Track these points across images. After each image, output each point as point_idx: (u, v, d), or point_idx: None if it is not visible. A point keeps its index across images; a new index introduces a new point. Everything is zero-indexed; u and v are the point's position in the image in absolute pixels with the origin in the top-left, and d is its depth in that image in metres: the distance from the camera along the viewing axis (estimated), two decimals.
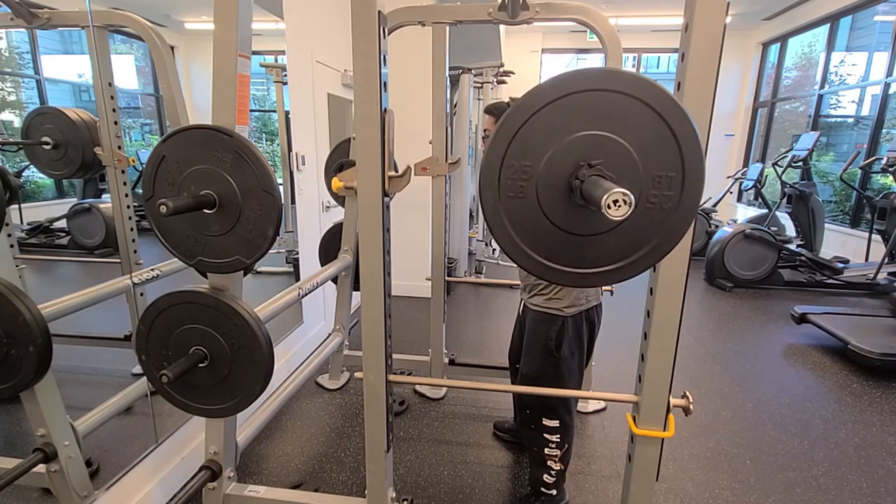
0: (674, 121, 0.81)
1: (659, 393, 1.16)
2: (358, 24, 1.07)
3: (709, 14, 0.93)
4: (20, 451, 1.57)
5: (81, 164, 1.78)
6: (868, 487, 2.00)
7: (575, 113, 0.83)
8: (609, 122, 0.83)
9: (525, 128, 0.85)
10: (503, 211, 0.90)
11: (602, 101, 0.82)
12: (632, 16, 7.46)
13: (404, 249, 4.06)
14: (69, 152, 1.76)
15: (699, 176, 0.83)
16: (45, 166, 1.81)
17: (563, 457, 1.72)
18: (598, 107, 0.83)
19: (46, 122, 1.77)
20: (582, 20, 1.99)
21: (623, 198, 0.70)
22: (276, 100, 3.05)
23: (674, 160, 0.83)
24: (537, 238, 0.91)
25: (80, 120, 1.77)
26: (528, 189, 0.88)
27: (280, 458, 2.14)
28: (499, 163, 0.87)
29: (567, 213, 0.88)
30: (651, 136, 0.83)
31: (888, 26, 5.84)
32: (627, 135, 0.83)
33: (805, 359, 3.25)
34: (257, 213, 1.17)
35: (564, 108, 0.83)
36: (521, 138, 0.86)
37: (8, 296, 1.20)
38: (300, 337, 3.07)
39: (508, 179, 0.88)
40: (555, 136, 0.85)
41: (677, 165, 0.83)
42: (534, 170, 0.87)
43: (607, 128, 0.83)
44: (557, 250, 0.92)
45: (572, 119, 0.84)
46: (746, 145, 8.60)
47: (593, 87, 0.82)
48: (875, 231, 4.63)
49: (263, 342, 1.27)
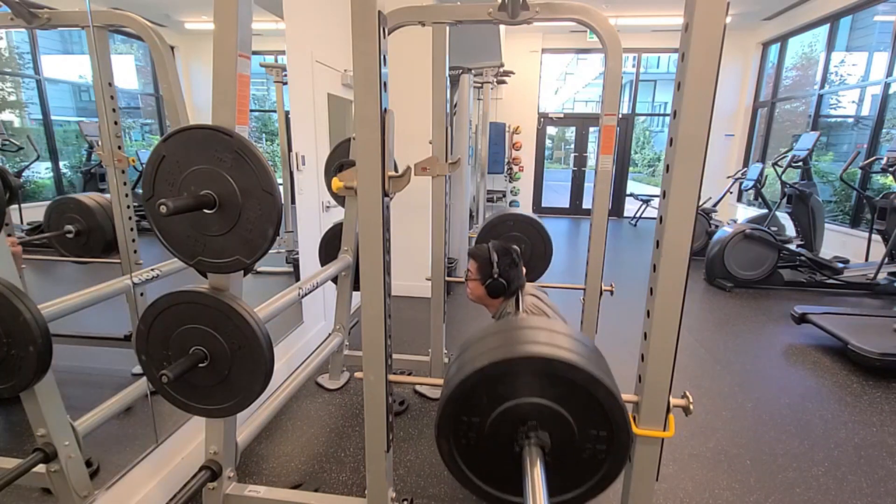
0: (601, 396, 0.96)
1: (659, 393, 1.16)
2: (358, 24, 1.07)
3: (709, 14, 0.93)
4: (20, 451, 1.56)
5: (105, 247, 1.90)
6: (868, 487, 2.00)
7: (518, 384, 0.99)
8: (547, 392, 0.98)
9: (475, 391, 1.00)
10: (457, 455, 1.06)
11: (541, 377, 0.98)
12: (632, 16, 7.47)
13: (404, 249, 4.06)
14: (91, 240, 1.87)
15: (626, 436, 1.00)
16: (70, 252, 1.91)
17: None
18: (538, 381, 0.98)
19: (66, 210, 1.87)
20: (582, 20, 1.99)
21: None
22: (276, 100, 3.05)
23: (603, 421, 0.99)
24: (490, 475, 1.08)
25: (96, 206, 1.88)
26: (478, 440, 1.04)
27: (280, 458, 2.14)
28: (451, 417, 1.03)
29: (512, 459, 1.01)
30: (582, 404, 0.98)
31: (888, 26, 5.84)
32: (563, 402, 0.99)
33: (805, 359, 3.25)
34: (257, 213, 1.17)
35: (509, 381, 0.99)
36: (472, 399, 1.01)
37: (8, 296, 1.20)
38: (300, 337, 3.07)
39: (460, 430, 1.04)
40: (499, 400, 1.00)
41: (606, 426, 0.99)
42: (481, 426, 1.03)
43: (546, 396, 0.99)
44: (507, 486, 1.08)
45: (515, 388, 0.99)
46: (746, 145, 8.60)
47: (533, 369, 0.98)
48: (875, 231, 4.63)
49: (263, 342, 1.27)
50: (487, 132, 5.84)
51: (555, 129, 10.82)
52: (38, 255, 1.99)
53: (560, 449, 1.00)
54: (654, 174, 16.96)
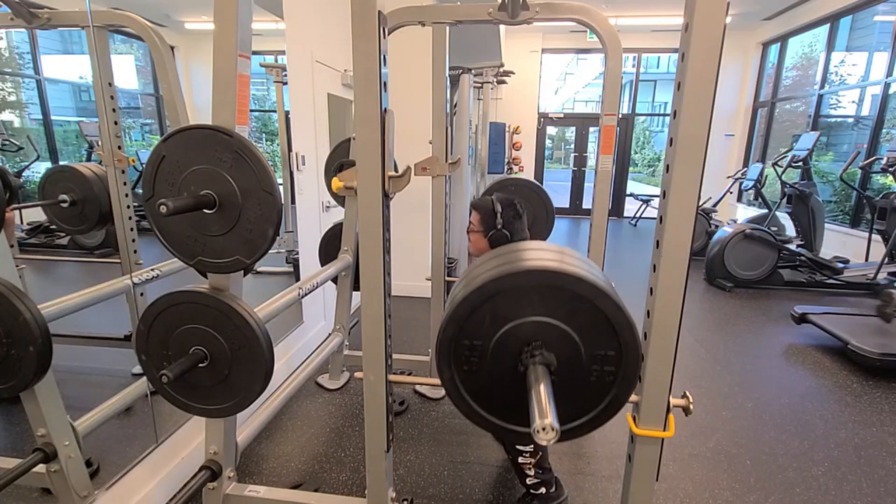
0: (609, 310, 0.91)
1: (659, 393, 1.16)
2: (358, 24, 1.07)
3: (709, 14, 0.93)
4: (20, 451, 1.57)
5: (99, 219, 1.84)
6: (868, 487, 2.00)
7: (521, 301, 0.94)
8: (552, 310, 0.93)
9: (477, 311, 0.95)
10: (459, 381, 1.00)
11: (545, 292, 0.93)
12: (632, 16, 7.47)
13: (404, 249, 4.06)
14: (86, 209, 1.81)
15: (635, 354, 0.93)
16: (64, 223, 1.86)
17: (538, 463, 1.74)
18: (542, 297, 0.93)
19: (62, 179, 1.81)
20: (582, 20, 1.99)
21: (551, 427, 0.77)
22: (276, 100, 3.05)
23: (611, 341, 0.94)
24: (492, 404, 1.01)
25: (93, 175, 1.82)
26: (481, 364, 0.98)
27: (280, 458, 2.14)
28: (452, 341, 0.97)
29: (517, 384, 0.96)
30: (589, 321, 0.93)
31: (888, 26, 5.84)
32: (568, 320, 0.93)
33: (805, 359, 3.25)
34: (257, 213, 1.17)
35: (513, 296, 0.93)
36: (473, 320, 0.95)
37: (8, 296, 1.20)
38: (300, 337, 3.06)
39: (461, 355, 0.98)
40: (502, 320, 0.95)
41: (615, 345, 0.94)
42: (484, 349, 0.96)
43: (550, 314, 0.93)
44: (511, 414, 1.01)
45: (518, 306, 0.94)
46: (746, 145, 8.60)
47: (537, 283, 0.92)
48: (875, 231, 4.63)
49: (263, 342, 1.27)
50: (487, 132, 5.83)
51: (555, 129, 10.82)
52: (38, 256, 1.99)
53: (566, 372, 0.95)
54: (654, 174, 16.96)
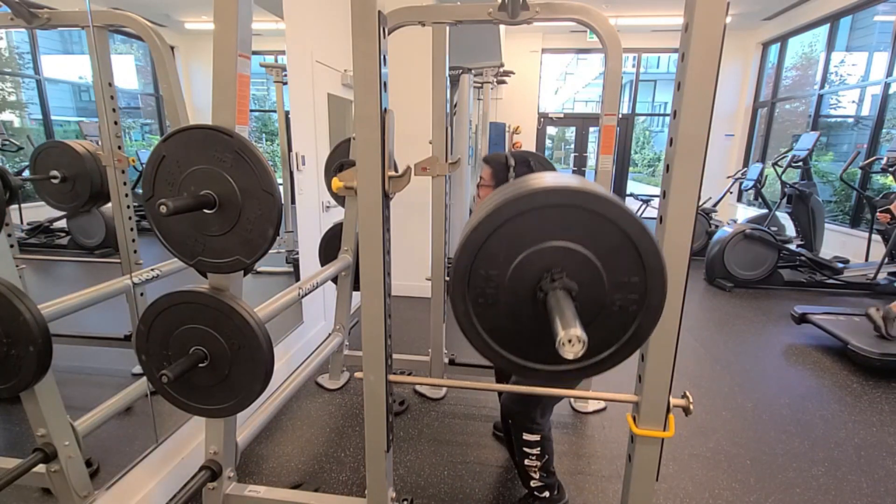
0: (634, 233, 0.85)
1: (659, 393, 1.16)
2: (358, 24, 1.07)
3: (709, 14, 0.93)
4: (20, 451, 1.56)
5: (90, 197, 1.81)
6: (868, 487, 2.00)
7: (538, 225, 0.87)
8: (572, 234, 0.87)
9: (491, 239, 0.88)
10: (474, 316, 0.94)
11: (564, 214, 0.86)
12: (632, 16, 7.46)
13: (404, 249, 4.06)
14: (77, 185, 1.79)
15: (661, 280, 0.87)
16: (55, 199, 1.84)
17: (543, 467, 1.73)
18: (561, 220, 0.86)
19: (53, 155, 1.79)
20: (582, 20, 1.99)
21: (577, 338, 0.72)
22: (276, 100, 3.05)
23: (635, 266, 0.87)
24: (509, 340, 0.95)
25: (85, 152, 1.79)
26: (497, 296, 0.92)
27: (280, 458, 2.14)
28: (467, 273, 0.91)
29: (536, 317, 0.91)
30: (613, 246, 0.86)
31: (888, 26, 5.84)
32: (591, 245, 0.87)
33: (805, 359, 3.25)
34: (257, 213, 1.17)
35: (528, 221, 0.87)
36: (487, 249, 0.89)
37: (8, 296, 1.20)
38: (300, 337, 3.06)
39: (477, 287, 0.91)
40: (519, 247, 0.88)
41: (639, 271, 0.87)
42: (500, 278, 0.90)
43: (571, 238, 0.87)
44: (530, 350, 0.95)
45: (536, 231, 0.87)
46: (746, 145, 8.60)
47: (555, 203, 0.86)
48: (875, 231, 4.64)
49: (263, 342, 1.27)
50: (487, 132, 5.83)
51: (555, 129, 10.82)
52: (38, 256, 1.99)
53: (587, 300, 0.89)
54: (654, 174, 16.95)
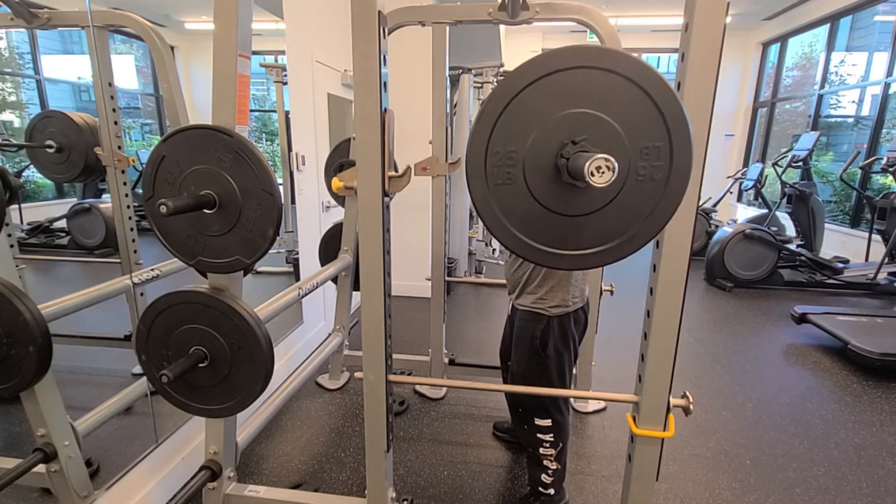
0: (654, 90, 0.80)
1: (659, 393, 1.16)
2: (358, 24, 1.07)
3: (709, 14, 0.93)
4: (20, 451, 1.57)
5: (84, 168, 1.79)
6: (868, 487, 2.00)
7: (554, 93, 0.82)
8: (589, 99, 0.82)
9: (505, 114, 0.83)
10: (493, 199, 0.88)
11: (579, 78, 0.81)
12: (632, 16, 7.46)
13: (404, 249, 4.05)
14: (72, 156, 1.77)
15: (686, 142, 0.81)
16: (48, 170, 1.82)
17: (558, 456, 1.72)
18: (576, 85, 0.81)
19: (50, 125, 1.77)
20: (582, 20, 1.99)
21: (606, 164, 0.69)
22: (276, 100, 3.05)
23: (659, 130, 0.81)
24: (530, 223, 0.90)
25: (83, 123, 1.78)
26: (516, 175, 0.87)
27: (280, 458, 2.14)
28: (483, 151, 0.86)
29: (558, 194, 0.86)
30: (633, 109, 0.81)
31: (888, 26, 5.84)
32: (609, 110, 0.82)
33: (805, 359, 3.25)
34: (257, 213, 1.17)
35: (543, 90, 0.82)
36: (503, 124, 0.84)
37: (8, 296, 1.20)
38: (300, 337, 3.06)
39: (495, 167, 0.87)
40: (536, 118, 0.84)
41: (663, 134, 0.81)
42: (519, 154, 0.85)
43: (588, 105, 0.82)
44: (552, 234, 0.90)
45: (551, 100, 0.83)
46: (746, 145, 8.60)
47: (568, 65, 0.80)
48: (875, 231, 4.64)
49: (263, 342, 1.27)
50: None
51: None
52: (38, 256, 1.99)
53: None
54: None
